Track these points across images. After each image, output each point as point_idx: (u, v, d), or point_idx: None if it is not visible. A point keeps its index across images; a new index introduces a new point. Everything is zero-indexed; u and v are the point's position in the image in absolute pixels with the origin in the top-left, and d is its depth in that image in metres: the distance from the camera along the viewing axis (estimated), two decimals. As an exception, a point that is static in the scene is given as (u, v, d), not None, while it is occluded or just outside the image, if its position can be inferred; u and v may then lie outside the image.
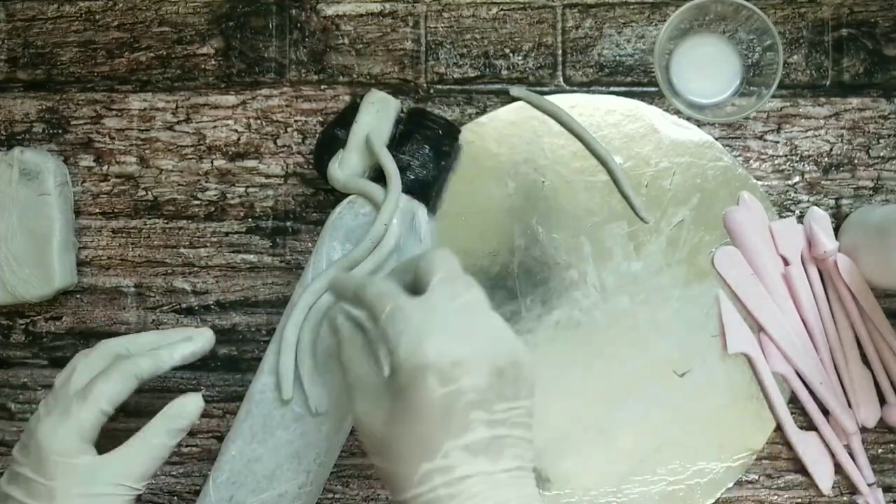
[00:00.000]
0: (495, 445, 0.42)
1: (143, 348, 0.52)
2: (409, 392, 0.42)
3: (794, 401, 0.62)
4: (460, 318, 0.43)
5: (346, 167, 0.58)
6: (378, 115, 0.59)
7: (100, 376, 0.49)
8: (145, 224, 0.64)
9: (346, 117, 0.59)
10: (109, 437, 0.64)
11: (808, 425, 0.62)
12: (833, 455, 0.61)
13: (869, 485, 0.61)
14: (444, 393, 0.41)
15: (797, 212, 0.63)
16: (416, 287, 0.46)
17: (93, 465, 0.47)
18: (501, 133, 0.63)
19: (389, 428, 0.42)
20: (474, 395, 0.41)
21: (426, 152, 0.59)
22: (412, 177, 0.58)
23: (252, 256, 0.64)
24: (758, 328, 0.61)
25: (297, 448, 0.56)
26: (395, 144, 0.59)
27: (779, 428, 0.62)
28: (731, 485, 0.61)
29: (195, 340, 0.53)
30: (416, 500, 0.41)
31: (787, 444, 0.62)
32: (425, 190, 0.59)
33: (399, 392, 0.42)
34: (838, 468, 0.62)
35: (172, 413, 0.50)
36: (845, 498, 0.62)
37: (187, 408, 0.50)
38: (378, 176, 0.58)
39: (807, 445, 0.61)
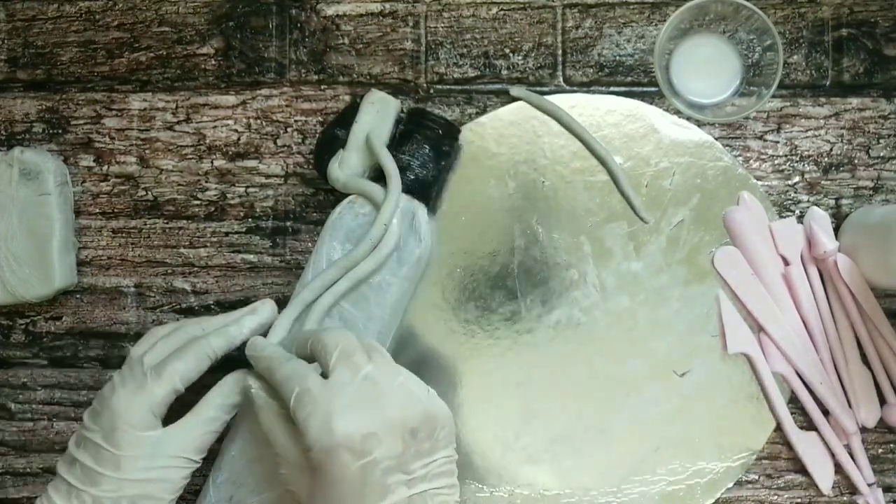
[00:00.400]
0: (418, 502, 0.44)
1: (214, 328, 0.54)
2: (325, 469, 0.44)
3: (794, 401, 0.62)
4: (365, 391, 0.45)
5: (346, 167, 0.59)
6: (378, 115, 0.59)
7: (175, 355, 0.51)
8: (145, 224, 0.64)
9: (346, 117, 0.59)
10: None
11: (809, 425, 0.62)
12: (833, 455, 0.61)
13: (869, 485, 0.61)
14: (360, 466, 0.43)
15: (797, 212, 0.63)
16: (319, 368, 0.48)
17: (157, 439, 0.49)
18: (501, 133, 0.63)
19: (312, 499, 0.45)
20: (390, 461, 0.44)
21: (426, 152, 0.59)
22: (412, 177, 0.58)
23: (252, 256, 0.64)
24: (758, 328, 0.61)
25: (296, 448, 0.56)
26: (395, 144, 0.59)
27: (779, 428, 0.62)
28: (730, 485, 0.61)
29: (259, 312, 0.55)
30: None
31: (787, 444, 0.62)
32: (425, 190, 0.59)
33: (316, 469, 0.44)
34: (838, 468, 0.62)
35: (225, 388, 0.52)
36: (845, 498, 0.62)
37: (237, 382, 0.52)
38: (378, 176, 0.58)
39: (807, 445, 0.61)
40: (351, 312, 0.57)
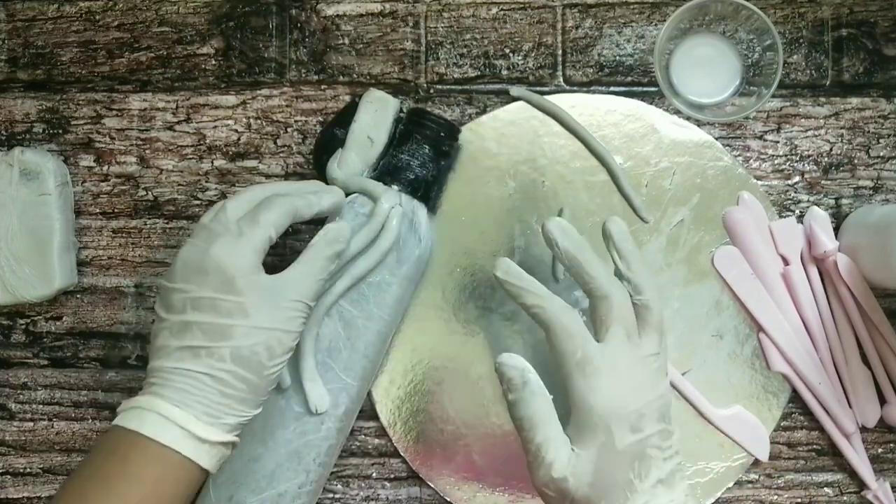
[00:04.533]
0: (669, 477, 0.49)
1: (294, 190, 0.54)
2: (600, 435, 0.48)
3: (794, 400, 0.62)
4: (638, 372, 0.50)
5: (344, 167, 0.59)
6: (377, 115, 0.59)
7: (263, 206, 0.50)
8: (145, 224, 0.64)
9: (346, 117, 0.59)
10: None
11: (812, 424, 0.62)
12: (839, 452, 0.61)
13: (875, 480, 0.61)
14: (636, 440, 0.48)
15: (797, 211, 0.63)
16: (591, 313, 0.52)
17: (273, 283, 0.49)
18: (501, 133, 0.63)
19: (580, 458, 0.48)
20: (654, 438, 0.49)
21: (426, 152, 0.59)
22: (412, 177, 0.58)
23: (252, 256, 0.63)
24: (757, 328, 0.61)
25: (296, 447, 0.56)
26: (395, 144, 0.59)
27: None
28: (731, 484, 0.62)
29: (334, 193, 0.55)
30: None
31: (788, 444, 0.62)
32: (425, 190, 0.59)
33: (588, 429, 0.48)
34: (840, 466, 0.62)
35: (329, 237, 0.52)
36: (845, 497, 0.62)
37: (341, 230, 0.53)
38: (377, 175, 0.58)
39: (733, 423, 0.61)
40: (351, 312, 0.57)
